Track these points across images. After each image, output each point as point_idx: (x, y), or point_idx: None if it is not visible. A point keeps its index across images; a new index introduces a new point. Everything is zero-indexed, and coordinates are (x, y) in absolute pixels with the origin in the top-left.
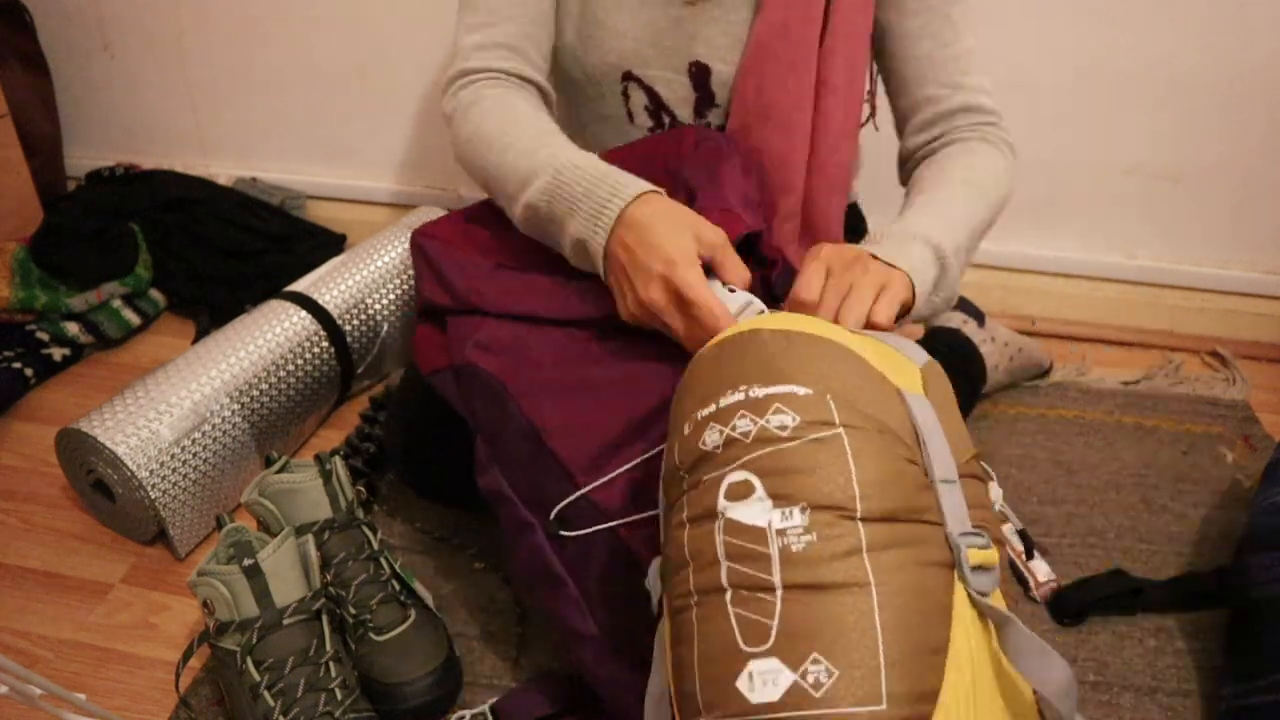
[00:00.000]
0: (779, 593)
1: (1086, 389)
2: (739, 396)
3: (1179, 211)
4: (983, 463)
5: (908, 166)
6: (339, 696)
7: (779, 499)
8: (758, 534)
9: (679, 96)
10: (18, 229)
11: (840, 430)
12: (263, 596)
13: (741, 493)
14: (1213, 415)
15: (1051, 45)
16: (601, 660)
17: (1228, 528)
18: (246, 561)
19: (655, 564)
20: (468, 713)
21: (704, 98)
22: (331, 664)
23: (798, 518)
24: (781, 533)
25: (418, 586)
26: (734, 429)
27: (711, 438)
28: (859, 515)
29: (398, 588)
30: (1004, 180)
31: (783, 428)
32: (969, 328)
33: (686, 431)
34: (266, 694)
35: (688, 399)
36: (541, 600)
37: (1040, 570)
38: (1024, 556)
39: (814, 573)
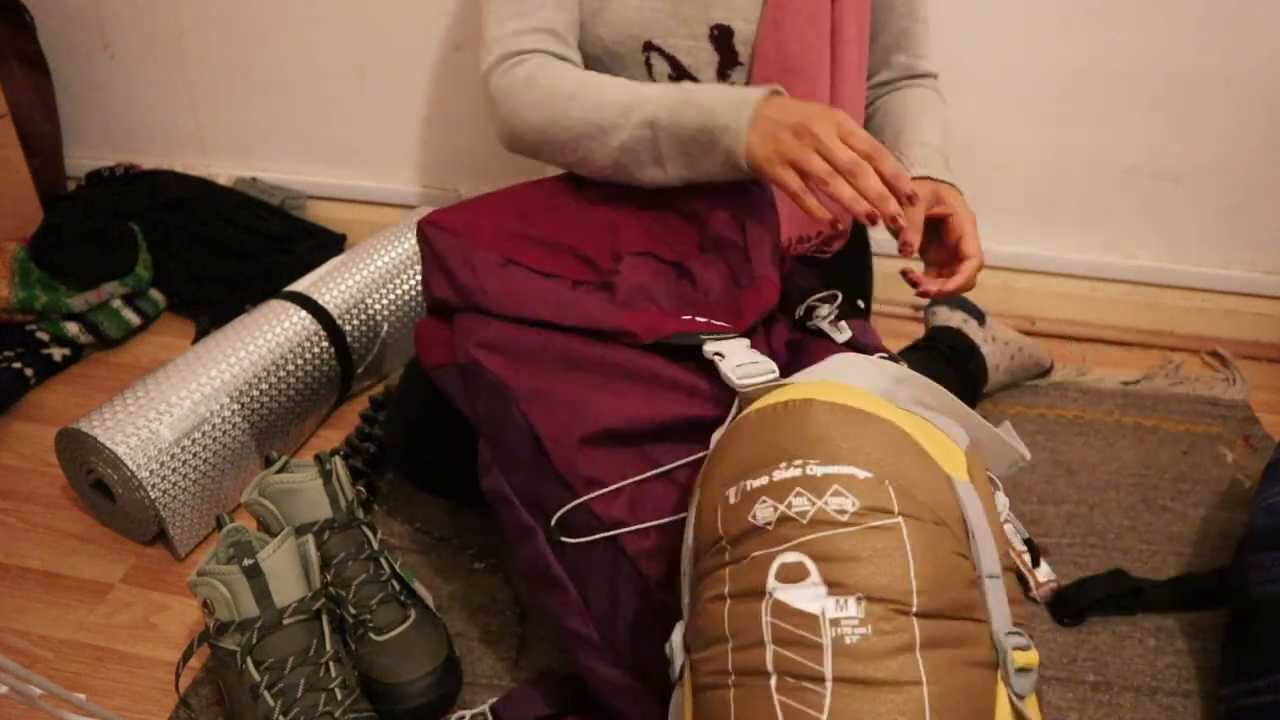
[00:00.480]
0: (829, 685)
1: (1086, 389)
2: (795, 472)
3: (1178, 211)
4: (989, 472)
5: (868, 97)
6: (339, 696)
7: (834, 586)
8: (810, 621)
9: (702, 61)
10: (18, 229)
11: (899, 520)
12: (263, 596)
13: (794, 575)
14: (1213, 415)
15: (1051, 45)
16: (602, 664)
17: (1228, 528)
18: (246, 561)
19: (679, 629)
20: (468, 713)
21: (727, 59)
22: (331, 664)
23: (853, 608)
24: (836, 623)
25: (418, 586)
26: (790, 506)
27: (763, 512)
28: (914, 610)
29: (398, 588)
30: (943, 115)
31: (841, 511)
32: (969, 327)
33: (732, 500)
34: (266, 694)
35: (732, 463)
36: (543, 602)
37: (1041, 571)
38: (1029, 564)
39: (867, 668)
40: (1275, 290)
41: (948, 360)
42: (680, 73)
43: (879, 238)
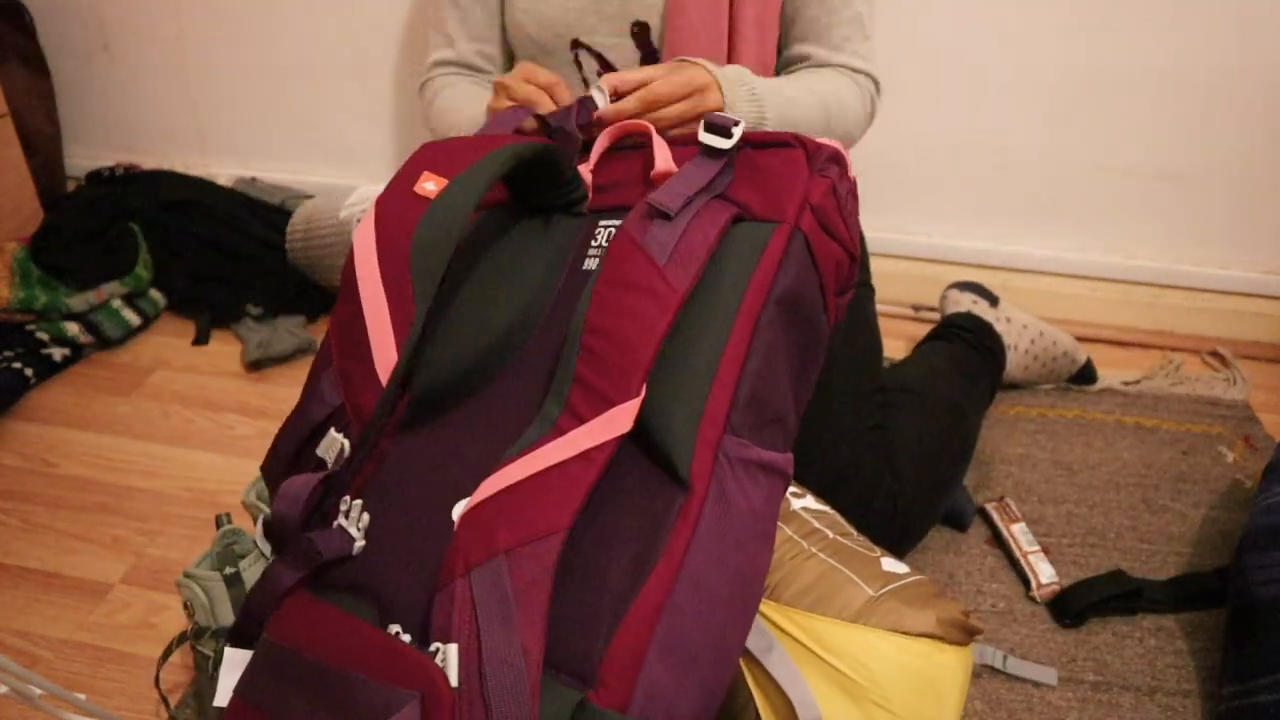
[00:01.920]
0: None
1: (1087, 388)
2: None
3: (1178, 211)
4: (1008, 499)
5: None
6: None
7: None
8: None
9: (626, 57)
10: (18, 229)
11: None
12: (240, 607)
13: None
14: (1213, 415)
15: (1051, 45)
16: None
17: (1228, 528)
18: (228, 570)
19: None
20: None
21: (647, 55)
22: None
23: None
24: None
25: None
26: None
27: None
28: None
29: None
30: (847, 96)
31: None
32: (979, 308)
33: None
34: None
35: None
36: None
37: (1044, 572)
38: (1033, 565)
39: None
40: (1275, 290)
41: (970, 346)
42: (607, 68)
43: (876, 234)
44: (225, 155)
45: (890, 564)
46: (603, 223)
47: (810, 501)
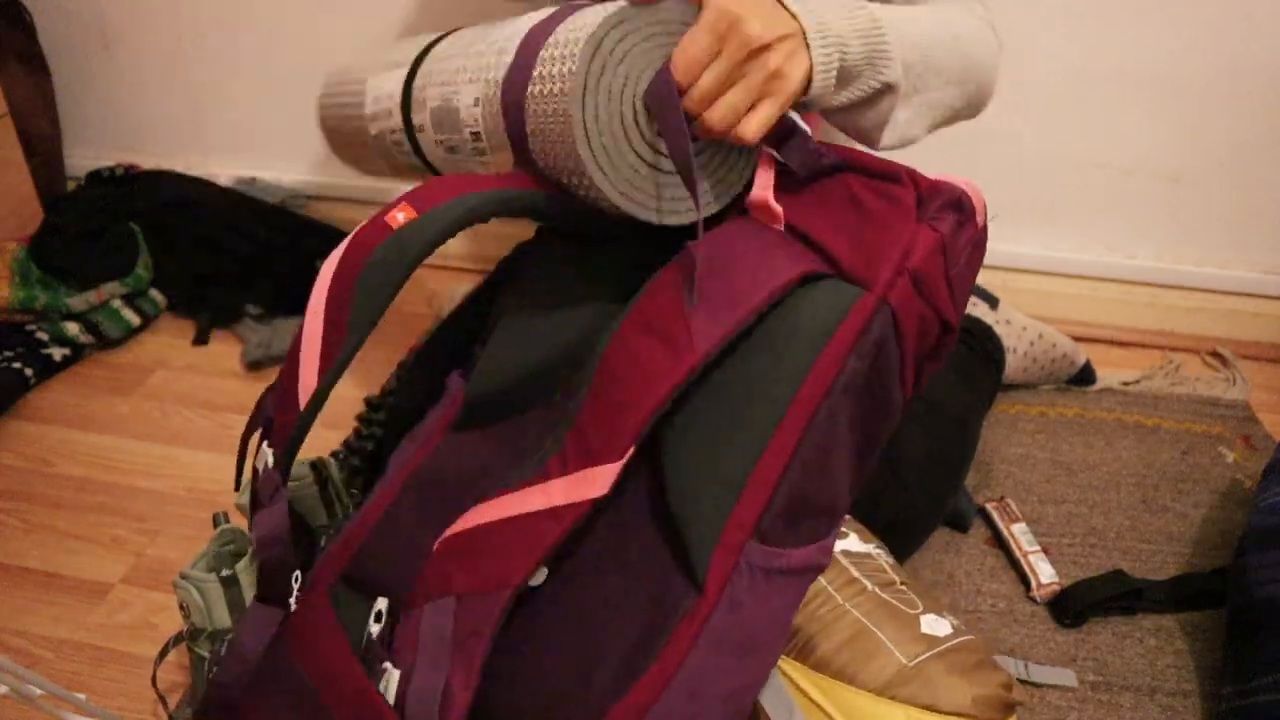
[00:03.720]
0: None
1: (1086, 389)
2: None
3: (1178, 211)
4: (1008, 499)
5: None
6: None
7: None
8: None
9: None
10: (18, 229)
11: None
12: (236, 608)
13: None
14: (1213, 415)
15: (1051, 45)
16: None
17: (1228, 528)
18: (224, 572)
19: None
20: None
21: None
22: None
23: None
24: None
25: None
26: None
27: None
28: None
29: None
30: (979, 33)
31: None
32: (979, 310)
33: None
34: None
35: None
36: None
37: (1044, 572)
38: (1033, 565)
39: None
40: (1275, 290)
41: (969, 348)
42: None
43: None
44: (225, 155)
45: (931, 623)
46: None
47: (854, 543)
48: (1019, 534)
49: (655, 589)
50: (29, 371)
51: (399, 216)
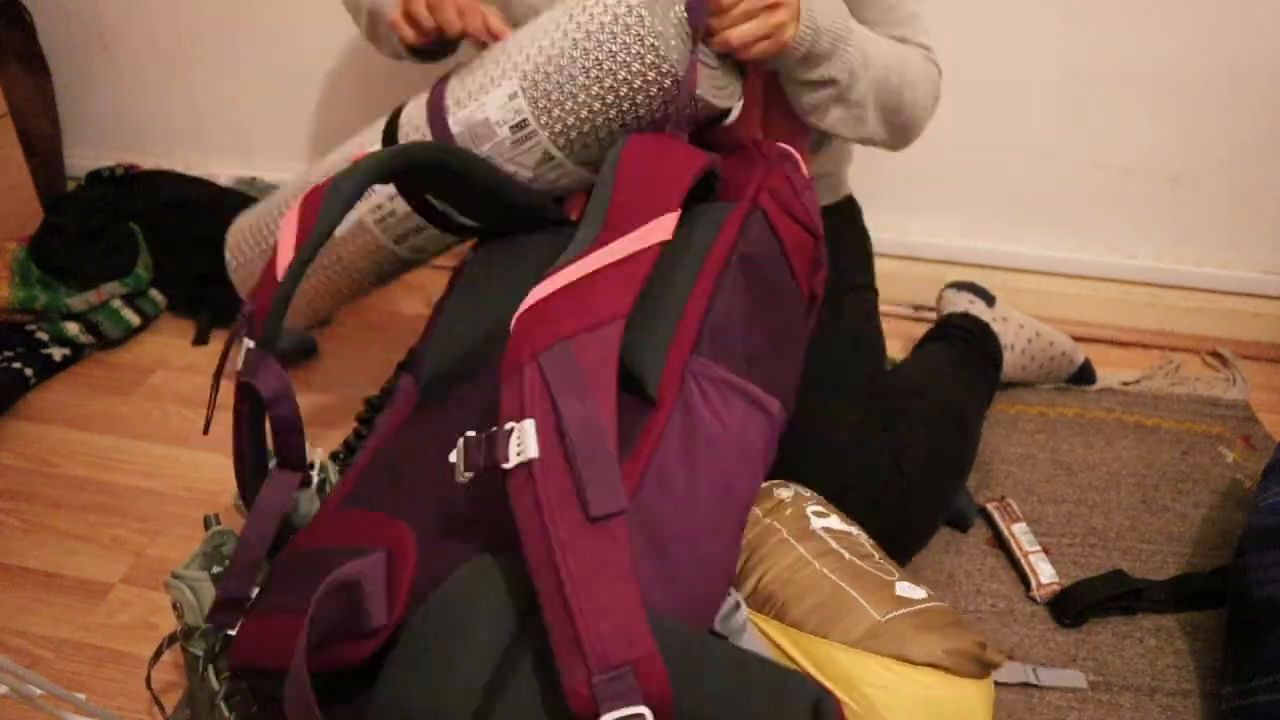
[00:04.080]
0: None
1: (1086, 388)
2: None
3: (1178, 211)
4: (1009, 499)
5: None
6: None
7: None
8: None
9: None
10: (18, 229)
11: None
12: None
13: None
14: (1213, 415)
15: (1050, 45)
16: None
17: (1228, 528)
18: (216, 569)
19: None
20: None
21: None
22: None
23: None
24: None
25: None
26: None
27: None
28: None
29: None
30: (924, 72)
31: None
32: (977, 308)
33: None
34: (223, 704)
35: None
36: None
37: (1044, 572)
38: (1033, 565)
39: None
40: (1275, 290)
41: (967, 344)
42: None
43: (877, 235)
44: (225, 155)
45: (906, 589)
46: None
47: (835, 522)
48: (1019, 534)
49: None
50: (29, 371)
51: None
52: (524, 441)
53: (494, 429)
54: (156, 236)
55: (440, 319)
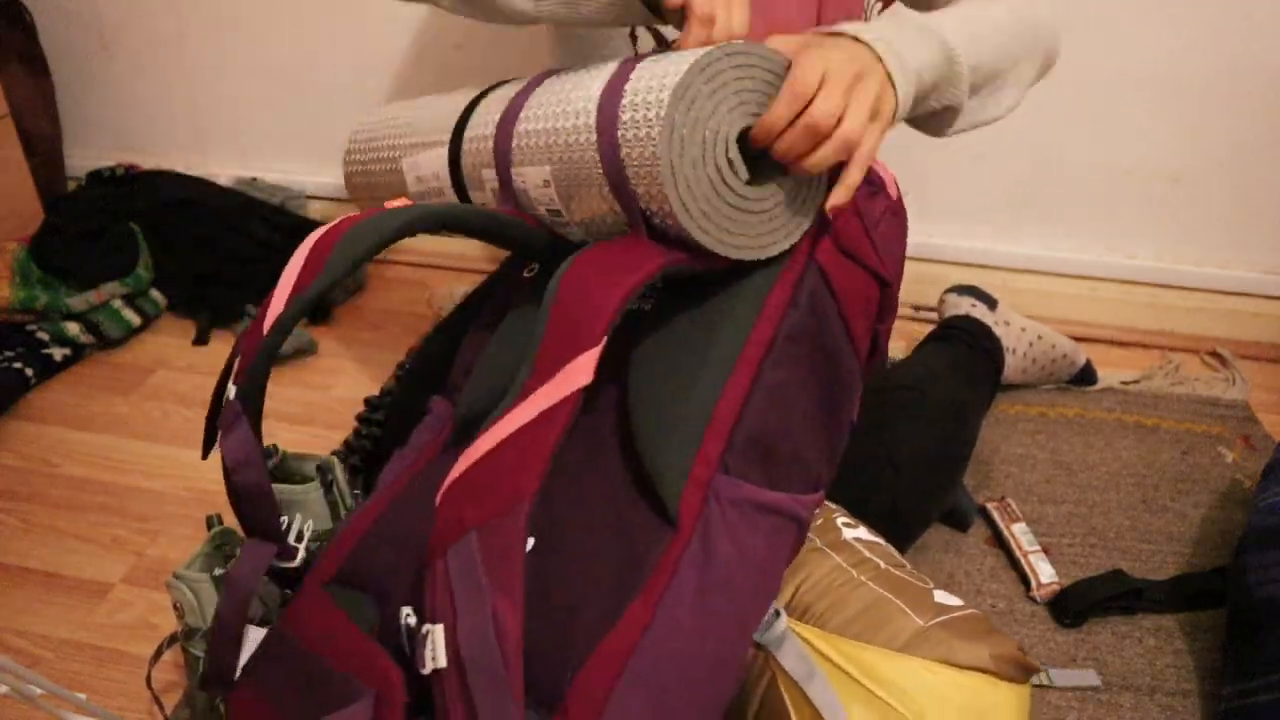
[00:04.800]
0: None
1: (1087, 389)
2: None
3: (1178, 211)
4: (1009, 499)
5: None
6: None
7: None
8: None
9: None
10: (18, 229)
11: None
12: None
13: None
14: (1213, 415)
15: None
16: None
17: (1228, 528)
18: (218, 571)
19: None
20: None
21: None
22: None
23: None
24: None
25: None
26: None
27: None
28: None
29: None
30: (1047, 24)
31: None
32: (978, 311)
33: None
34: (222, 705)
35: None
36: None
37: (1044, 572)
38: (1033, 565)
39: None
40: (1275, 290)
41: (969, 346)
42: (664, 44)
43: None
44: (225, 155)
45: (943, 596)
46: None
47: (863, 532)
48: (1019, 534)
49: (630, 534)
50: (29, 371)
51: (396, 204)
52: (435, 649)
53: (424, 628)
54: (156, 236)
55: (482, 346)
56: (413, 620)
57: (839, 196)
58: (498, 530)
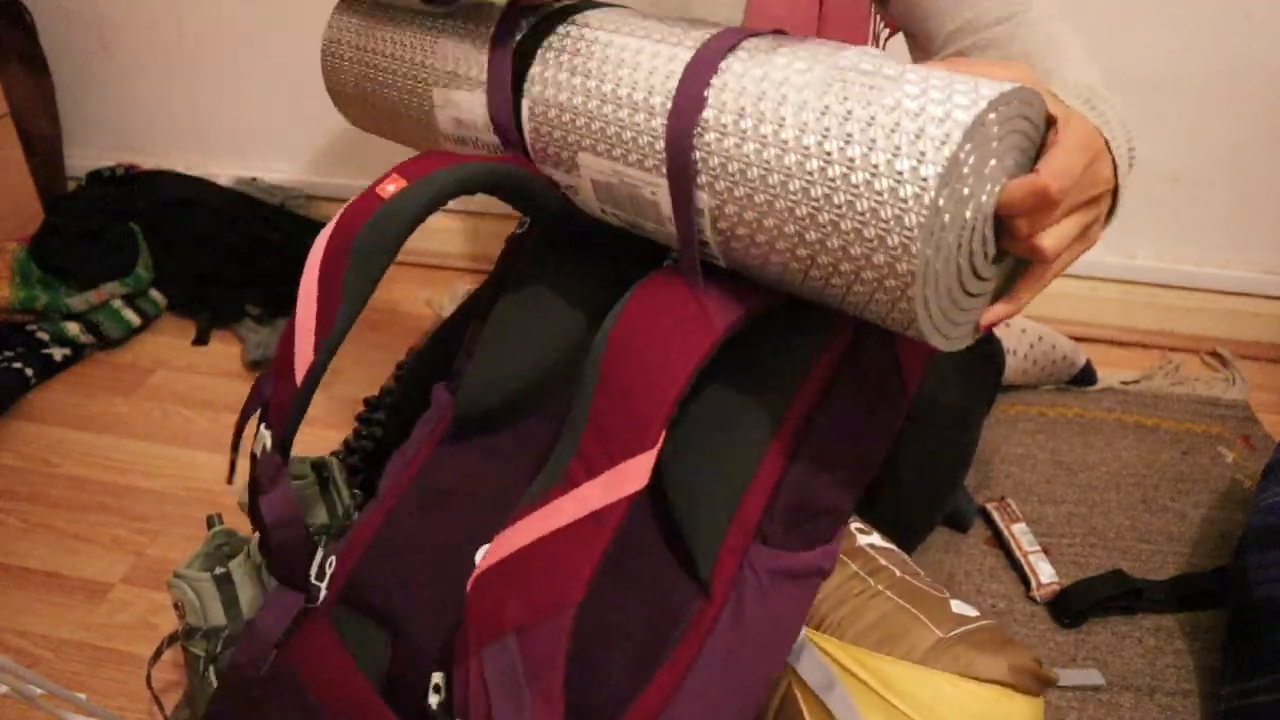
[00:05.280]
0: None
1: (1087, 389)
2: None
3: (1179, 211)
4: (1009, 499)
5: None
6: None
7: None
8: None
9: None
10: (18, 229)
11: None
12: (231, 606)
13: None
14: (1213, 415)
15: None
16: None
17: (1228, 528)
18: (218, 570)
19: None
20: None
21: None
22: None
23: None
24: None
25: None
26: None
27: None
28: None
29: None
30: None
31: None
32: None
33: None
34: None
35: None
36: None
37: (1044, 572)
38: (1033, 564)
39: None
40: (1275, 290)
41: (969, 350)
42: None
43: None
44: (225, 155)
45: (960, 606)
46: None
47: (876, 539)
48: (1019, 534)
49: (661, 597)
50: (29, 371)
51: (389, 188)
52: None
53: None
54: (156, 236)
55: (486, 334)
56: (441, 692)
57: (1001, 311)
58: (542, 637)
